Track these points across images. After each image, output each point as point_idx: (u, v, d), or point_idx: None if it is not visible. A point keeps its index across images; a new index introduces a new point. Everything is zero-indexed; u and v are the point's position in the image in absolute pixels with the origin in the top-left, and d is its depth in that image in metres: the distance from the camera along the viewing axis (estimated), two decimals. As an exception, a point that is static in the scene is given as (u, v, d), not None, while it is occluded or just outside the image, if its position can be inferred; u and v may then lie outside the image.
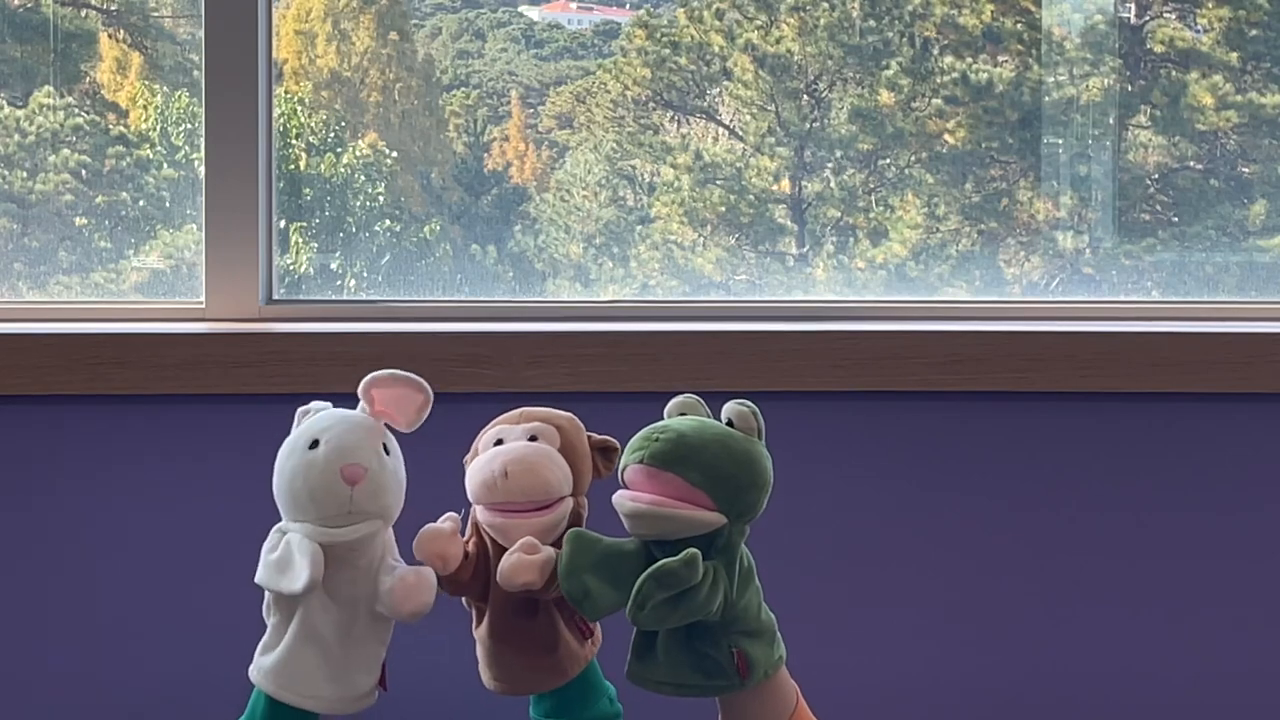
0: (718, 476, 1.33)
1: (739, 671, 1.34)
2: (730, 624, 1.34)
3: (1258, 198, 2.06)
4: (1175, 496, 1.78)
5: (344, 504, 1.37)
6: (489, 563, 1.41)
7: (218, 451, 1.71)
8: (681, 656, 1.34)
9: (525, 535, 1.37)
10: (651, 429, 1.36)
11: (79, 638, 1.73)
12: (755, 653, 1.35)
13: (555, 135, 2.16)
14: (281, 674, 1.39)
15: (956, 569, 1.77)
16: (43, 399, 1.70)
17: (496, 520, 1.40)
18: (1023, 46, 2.07)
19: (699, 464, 1.32)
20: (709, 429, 1.35)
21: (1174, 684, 1.79)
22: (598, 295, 2.06)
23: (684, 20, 2.09)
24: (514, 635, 1.42)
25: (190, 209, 1.98)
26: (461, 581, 1.42)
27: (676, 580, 1.28)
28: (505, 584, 1.36)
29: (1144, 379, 1.75)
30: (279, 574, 1.37)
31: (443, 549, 1.40)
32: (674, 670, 1.35)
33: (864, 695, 1.76)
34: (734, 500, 1.33)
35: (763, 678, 1.36)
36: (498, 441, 1.43)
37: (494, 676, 1.44)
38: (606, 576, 1.33)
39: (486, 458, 1.41)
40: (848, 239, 2.06)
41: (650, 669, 1.36)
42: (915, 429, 1.76)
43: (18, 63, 2.01)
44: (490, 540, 1.41)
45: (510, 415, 1.46)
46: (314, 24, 2.10)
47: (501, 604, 1.42)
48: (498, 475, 1.39)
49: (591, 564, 1.33)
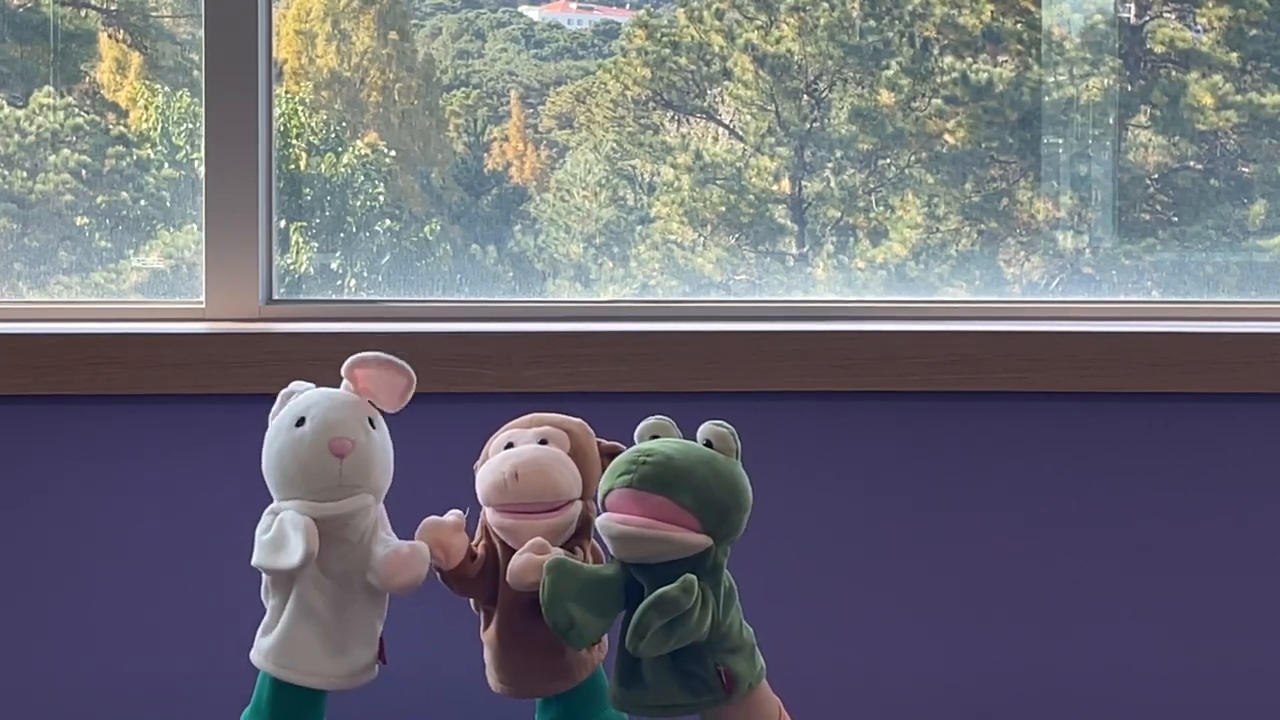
0: (707, 499, 1.33)
1: (724, 687, 1.35)
2: (716, 643, 1.35)
3: (1258, 198, 2.06)
4: (1175, 496, 1.78)
5: (333, 478, 1.39)
6: (498, 565, 1.42)
7: (218, 451, 1.71)
8: (669, 677, 1.35)
9: (534, 536, 1.38)
10: (635, 452, 1.35)
11: (79, 637, 1.73)
12: (739, 668, 1.36)
13: (555, 135, 2.16)
14: (281, 653, 1.41)
15: (956, 569, 1.77)
16: (43, 399, 1.70)
17: (506, 522, 1.40)
18: (1023, 46, 2.07)
19: (689, 487, 1.32)
20: (694, 451, 1.35)
21: (1174, 683, 1.78)
22: (598, 295, 2.06)
23: (684, 20, 2.09)
24: (522, 638, 1.42)
25: (190, 209, 1.98)
26: (467, 579, 1.42)
27: (675, 607, 1.29)
28: (514, 583, 1.37)
29: (1144, 379, 1.75)
30: (274, 552, 1.38)
31: (445, 539, 1.40)
32: (662, 692, 1.35)
33: (863, 695, 1.76)
34: (721, 522, 1.33)
35: (746, 691, 1.37)
36: (508, 445, 1.44)
37: (501, 679, 1.44)
38: (589, 604, 1.33)
39: (497, 460, 1.42)
40: (848, 239, 2.07)
41: (637, 693, 1.36)
42: (915, 429, 1.76)
43: (18, 63, 2.01)
44: (500, 542, 1.42)
45: (521, 420, 1.47)
46: (314, 24, 2.10)
47: (510, 606, 1.42)
48: (508, 477, 1.40)
49: (575, 593, 1.32)
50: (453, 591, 1.43)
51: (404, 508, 1.45)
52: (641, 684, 1.35)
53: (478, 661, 1.46)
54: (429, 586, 1.42)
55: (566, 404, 1.49)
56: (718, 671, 1.34)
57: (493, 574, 1.42)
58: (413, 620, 1.50)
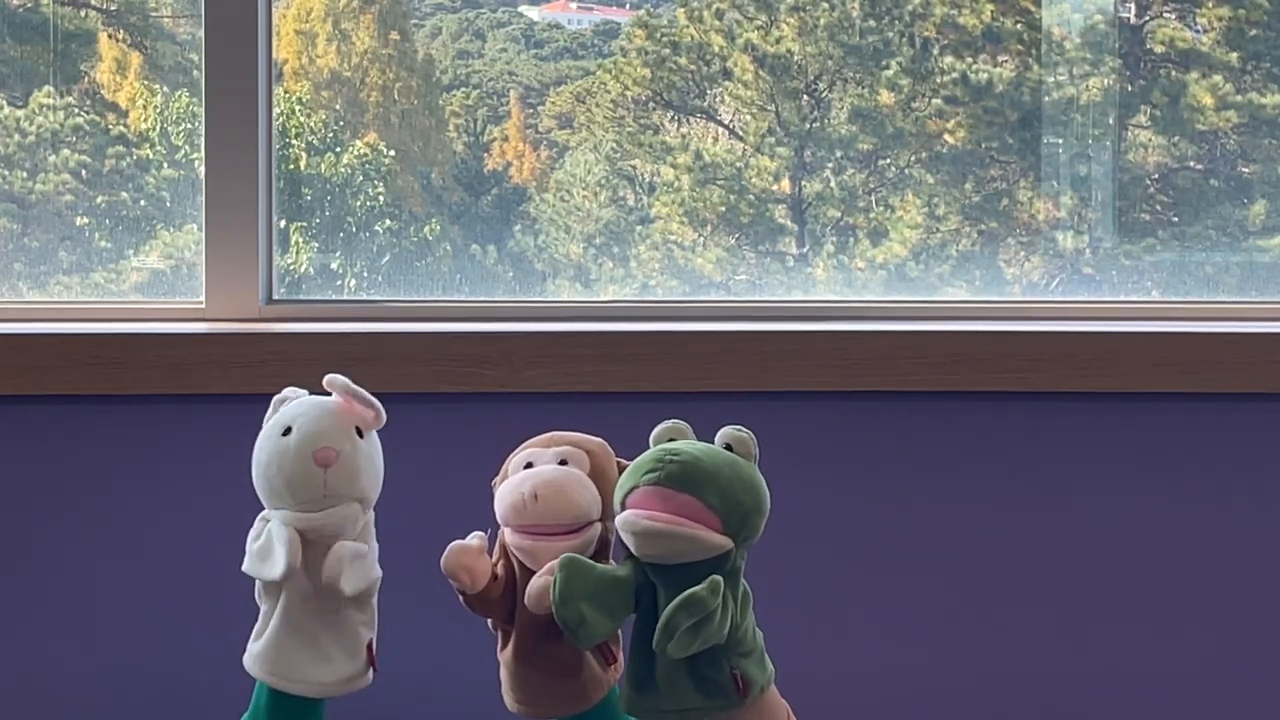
0: (731, 501, 1.33)
1: (739, 691, 1.35)
2: (732, 647, 1.35)
3: (1258, 198, 2.06)
4: (1175, 496, 1.78)
5: (318, 488, 1.39)
6: (516, 585, 1.41)
7: (217, 451, 1.71)
8: (685, 682, 1.35)
9: (554, 558, 1.37)
10: (660, 451, 1.35)
11: (79, 637, 1.73)
12: (752, 671, 1.36)
13: (555, 135, 2.16)
14: (269, 660, 1.42)
15: (956, 569, 1.77)
16: (43, 399, 1.70)
17: (525, 543, 1.40)
18: (1023, 46, 2.07)
19: (715, 488, 1.33)
20: (718, 454, 1.36)
21: (1175, 683, 1.78)
22: (598, 295, 2.06)
23: (684, 20, 2.09)
24: (539, 658, 1.42)
25: (190, 209, 1.98)
26: (490, 600, 1.42)
27: (703, 607, 1.29)
28: (533, 606, 1.37)
29: (1144, 379, 1.75)
30: (261, 562, 1.40)
31: (470, 563, 1.40)
32: (677, 696, 1.35)
33: (863, 695, 1.76)
34: (743, 524, 1.34)
35: (758, 695, 1.37)
36: (528, 464, 1.43)
37: (517, 700, 1.44)
38: (600, 604, 1.33)
39: (516, 480, 1.42)
40: (848, 239, 2.07)
41: (651, 698, 1.36)
42: (915, 429, 1.76)
43: (18, 63, 2.01)
44: (518, 563, 1.42)
45: (540, 439, 1.46)
46: (314, 24, 2.10)
47: (528, 626, 1.41)
48: (527, 498, 1.40)
49: (587, 592, 1.33)
50: (473, 612, 1.43)
51: (404, 508, 1.45)
52: (656, 688, 1.35)
53: (487, 676, 1.46)
54: (438, 597, 1.42)
55: (566, 404, 1.49)
56: (732, 675, 1.35)
57: (511, 594, 1.42)
58: (424, 631, 1.50)
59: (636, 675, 1.36)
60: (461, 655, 1.52)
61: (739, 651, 1.35)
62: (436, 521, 1.56)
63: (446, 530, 1.53)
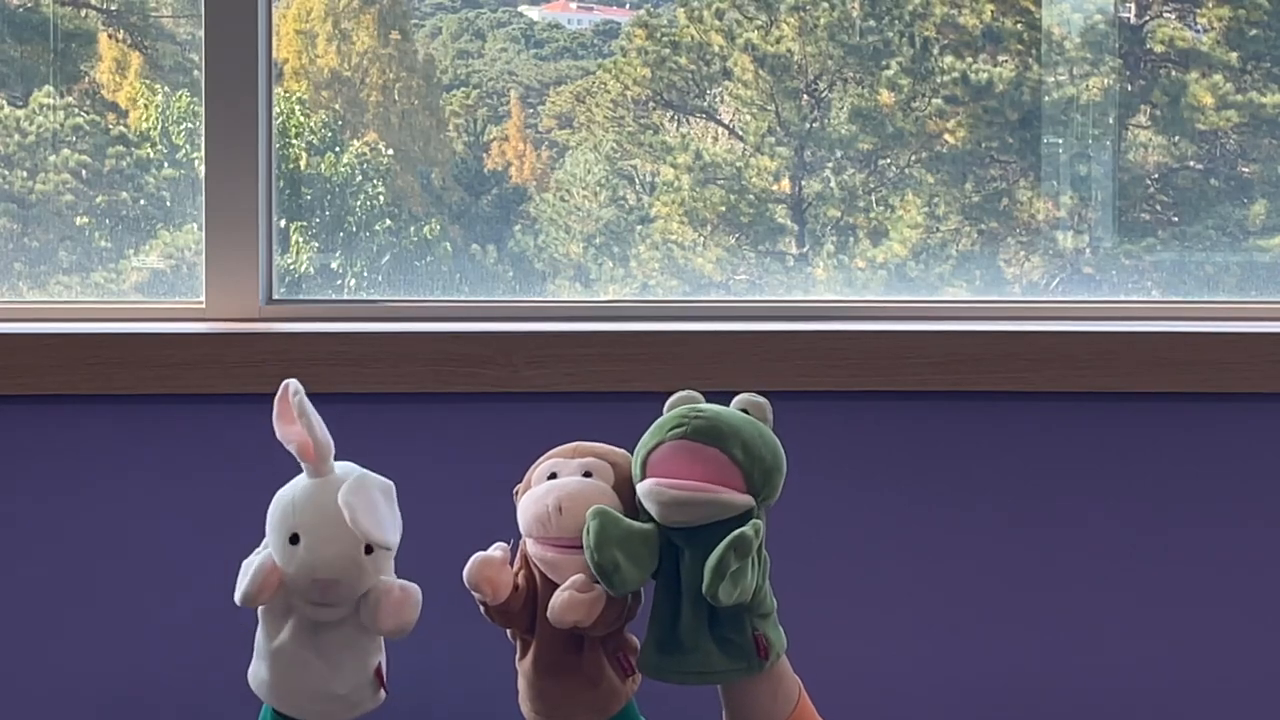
0: (755, 455, 1.36)
1: (759, 653, 1.36)
2: (755, 607, 1.37)
3: (1258, 198, 2.06)
4: (1175, 496, 1.78)
5: (316, 597, 1.39)
6: (537, 596, 1.41)
7: (218, 451, 1.71)
8: (709, 644, 1.36)
9: (576, 572, 1.38)
10: (684, 409, 1.39)
11: (79, 637, 1.73)
12: (771, 634, 1.38)
13: (555, 135, 2.16)
14: (270, 684, 1.42)
15: (956, 569, 1.77)
16: (43, 399, 1.70)
17: (548, 555, 1.40)
18: (1023, 46, 2.07)
19: (739, 441, 1.36)
20: (737, 414, 1.39)
21: (1175, 682, 1.78)
22: (598, 295, 2.05)
23: (684, 20, 2.09)
24: (559, 669, 1.42)
25: (190, 209, 1.98)
26: (511, 612, 1.42)
27: (748, 546, 1.31)
28: (556, 621, 1.37)
29: (1144, 379, 1.75)
30: (240, 579, 1.40)
31: (493, 575, 1.40)
32: (702, 658, 1.37)
33: (863, 695, 1.76)
34: (765, 481, 1.37)
35: (775, 659, 1.39)
36: (551, 475, 1.43)
37: (536, 710, 1.44)
38: (629, 554, 1.35)
39: (540, 491, 1.42)
40: (848, 239, 2.07)
41: (675, 659, 1.37)
42: (915, 429, 1.76)
43: (18, 63, 2.01)
44: (539, 574, 1.42)
45: (565, 449, 1.46)
46: (314, 24, 2.10)
47: (549, 637, 1.42)
48: (551, 510, 1.40)
49: (619, 538, 1.35)
50: (493, 623, 1.43)
51: (403, 509, 1.45)
52: (681, 649, 1.37)
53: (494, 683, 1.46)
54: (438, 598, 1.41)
55: (567, 404, 1.49)
56: (754, 637, 1.36)
57: (532, 605, 1.42)
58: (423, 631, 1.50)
59: (660, 636, 1.38)
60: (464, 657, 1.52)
61: (759, 612, 1.38)
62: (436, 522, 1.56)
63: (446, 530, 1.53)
